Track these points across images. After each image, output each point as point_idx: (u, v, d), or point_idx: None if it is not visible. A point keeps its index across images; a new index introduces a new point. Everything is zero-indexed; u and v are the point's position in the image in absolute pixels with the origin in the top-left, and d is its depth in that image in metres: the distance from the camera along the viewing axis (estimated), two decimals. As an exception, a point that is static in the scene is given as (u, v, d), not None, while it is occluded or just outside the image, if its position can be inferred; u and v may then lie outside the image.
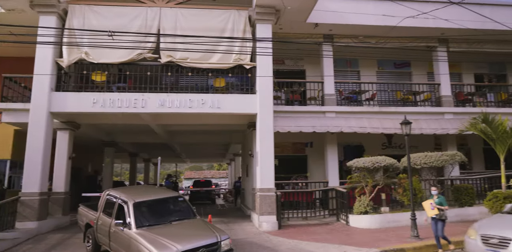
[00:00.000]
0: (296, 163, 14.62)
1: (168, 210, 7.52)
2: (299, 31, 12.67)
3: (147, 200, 7.29)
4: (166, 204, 7.63)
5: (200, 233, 6.58)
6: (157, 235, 6.19)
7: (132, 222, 6.59)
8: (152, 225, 6.69)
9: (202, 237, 6.36)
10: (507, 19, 12.17)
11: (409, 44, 13.36)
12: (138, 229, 6.47)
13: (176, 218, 7.19)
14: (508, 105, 14.64)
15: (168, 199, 7.75)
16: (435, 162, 10.91)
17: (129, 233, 6.47)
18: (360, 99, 13.79)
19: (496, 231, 6.46)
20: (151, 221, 6.84)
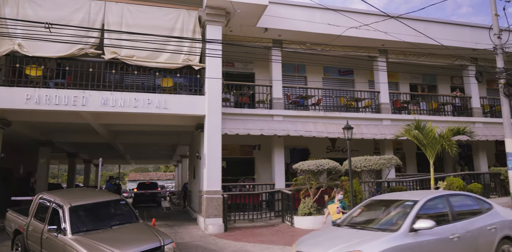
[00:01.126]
0: (244, 165, 14.70)
1: (108, 214, 7.17)
2: (249, 34, 12.81)
3: (85, 204, 6.90)
4: (106, 207, 7.27)
5: (142, 238, 6.35)
6: (95, 240, 5.86)
7: (68, 228, 6.18)
8: (90, 231, 6.34)
9: (144, 241, 6.15)
10: (438, 35, 13.31)
11: (353, 53, 14.09)
12: (74, 235, 6.09)
13: (117, 223, 6.88)
14: (438, 113, 15.97)
15: (109, 202, 7.39)
16: (374, 165, 11.52)
17: (64, 239, 6.06)
18: (307, 104, 14.24)
19: (308, 249, 5.16)
20: (89, 226, 6.47)
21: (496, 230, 5.90)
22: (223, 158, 11.08)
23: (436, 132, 11.50)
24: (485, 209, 6.21)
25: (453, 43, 14.19)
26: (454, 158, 17.30)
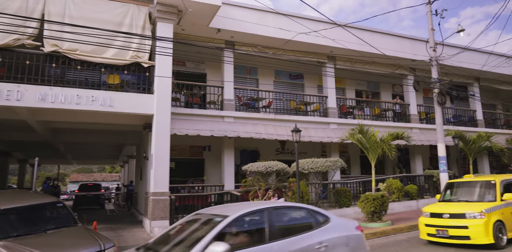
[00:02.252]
0: (193, 166, 14.49)
1: (42, 218, 6.72)
2: (201, 34, 12.69)
3: (15, 207, 6.40)
4: (40, 211, 6.79)
5: (80, 242, 6.01)
6: (26, 246, 5.44)
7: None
8: (21, 236, 5.88)
9: (82, 246, 5.82)
10: (381, 45, 14.15)
11: (303, 58, 14.52)
12: (2, 240, 5.61)
13: (53, 227, 6.47)
14: (380, 119, 16.94)
15: (43, 205, 6.91)
16: (321, 167, 11.91)
17: (-12, 246, 5.55)
18: (258, 106, 14.39)
19: None
20: (20, 231, 6.03)
21: (327, 248, 4.94)
22: (171, 159, 10.82)
23: (377, 137, 12.17)
24: (319, 223, 5.27)
25: (395, 53, 15.17)
26: (393, 161, 18.45)
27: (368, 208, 10.97)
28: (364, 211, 11.17)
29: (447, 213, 8.17)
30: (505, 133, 19.86)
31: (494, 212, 7.87)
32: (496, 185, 8.50)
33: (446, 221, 8.06)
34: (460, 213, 7.96)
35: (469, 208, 8.03)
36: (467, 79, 19.35)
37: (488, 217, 7.67)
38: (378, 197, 11.06)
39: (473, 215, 7.75)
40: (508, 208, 8.25)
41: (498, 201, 8.19)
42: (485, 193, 8.65)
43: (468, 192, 9.15)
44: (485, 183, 8.91)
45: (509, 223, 8.08)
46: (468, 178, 10.06)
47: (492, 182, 8.65)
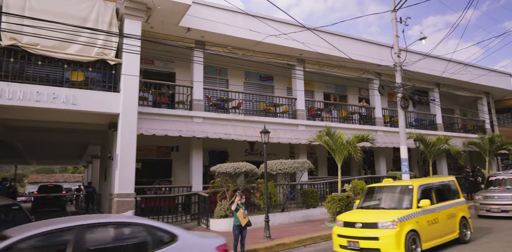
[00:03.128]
0: (161, 167, 14.21)
1: (-5, 221, 6.29)
2: (171, 33, 12.49)
3: (-35, 210, 5.95)
4: (-7, 214, 6.37)
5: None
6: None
7: None
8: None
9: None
10: (349, 49, 14.50)
11: (273, 60, 14.64)
12: None
13: (6, 230, 6.06)
14: (347, 121, 17.38)
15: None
16: (289, 168, 12.05)
17: None
18: (227, 107, 14.34)
19: None
20: (-31, 236, 5.58)
21: None
22: (138, 159, 10.57)
23: (344, 139, 12.47)
24: (160, 243, 4.31)
25: (362, 58, 15.63)
26: (359, 162, 18.97)
27: (334, 209, 11.21)
28: (330, 211, 11.40)
29: (360, 222, 7.28)
30: (462, 136, 20.98)
31: (408, 221, 7.08)
32: (414, 190, 7.72)
33: (358, 231, 7.18)
34: (373, 222, 7.12)
35: (382, 217, 7.18)
36: (428, 84, 20.27)
37: (401, 227, 6.86)
38: (343, 197, 11.33)
39: (385, 225, 6.91)
40: (424, 216, 7.50)
41: (414, 208, 7.42)
42: (402, 199, 7.86)
43: (386, 198, 8.33)
44: (402, 188, 8.08)
45: (425, 232, 7.33)
46: (387, 182, 9.00)
47: (410, 187, 7.86)
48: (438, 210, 7.93)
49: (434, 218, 7.70)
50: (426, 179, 9.13)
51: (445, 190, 8.86)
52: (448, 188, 9.00)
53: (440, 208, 8.04)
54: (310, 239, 9.33)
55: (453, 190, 9.06)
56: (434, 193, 8.20)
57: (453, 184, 9.24)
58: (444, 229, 7.94)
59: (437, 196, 8.22)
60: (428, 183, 8.40)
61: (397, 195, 8.12)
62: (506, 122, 26.73)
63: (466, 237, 8.49)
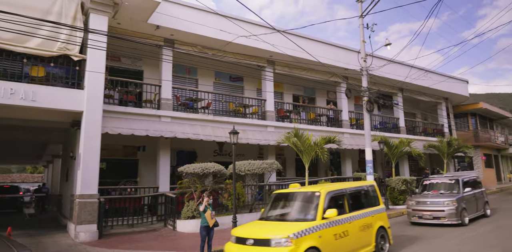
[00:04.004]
0: (127, 167, 13.85)
1: None
2: (139, 30, 12.21)
3: None
4: None
5: (-12, 250, 5.32)
6: None
7: None
8: None
9: (-10, 254, 5.16)
10: (317, 53, 14.81)
11: (243, 61, 14.65)
12: None
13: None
14: (315, 123, 17.71)
15: None
16: (257, 169, 12.09)
17: None
18: (196, 107, 14.20)
19: None
20: None
21: None
22: (102, 159, 10.26)
23: (312, 140, 12.70)
24: None
25: (330, 61, 16.01)
26: (326, 164, 19.38)
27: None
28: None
29: (252, 238, 6.04)
30: (422, 139, 21.97)
31: (307, 236, 5.84)
32: (320, 198, 6.50)
33: (248, 249, 5.96)
34: (265, 238, 5.88)
35: (278, 231, 5.95)
36: (392, 89, 21.07)
37: (296, 244, 5.63)
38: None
39: (279, 242, 5.69)
40: (330, 229, 6.27)
41: (318, 219, 6.19)
42: (307, 209, 6.65)
43: (291, 208, 7.11)
44: (308, 195, 6.84)
45: (330, 249, 6.16)
46: (294, 188, 7.69)
47: (316, 194, 6.62)
48: (349, 220, 6.83)
49: (343, 230, 6.56)
50: (338, 185, 7.99)
51: (362, 196, 7.88)
52: (366, 194, 8.00)
53: (353, 218, 6.94)
54: (277, 239, 9.40)
55: (372, 197, 8.08)
56: (347, 200, 7.17)
57: (373, 189, 8.23)
58: (356, 242, 6.90)
59: (351, 204, 7.21)
60: (340, 189, 7.31)
61: (302, 203, 6.96)
62: (463, 126, 28.29)
63: (384, 250, 7.56)
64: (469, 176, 12.57)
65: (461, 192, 11.24)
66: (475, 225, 10.86)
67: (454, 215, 10.51)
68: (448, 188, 11.68)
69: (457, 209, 10.57)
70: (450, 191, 11.50)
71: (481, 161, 26.48)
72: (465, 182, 11.82)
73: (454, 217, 10.51)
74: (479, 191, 12.39)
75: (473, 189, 11.90)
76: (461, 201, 10.88)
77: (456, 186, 11.52)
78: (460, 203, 10.81)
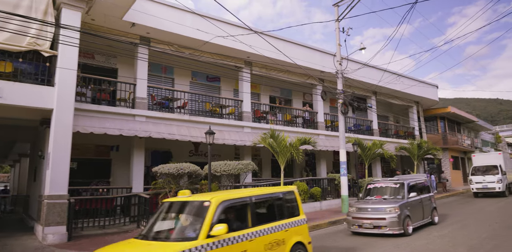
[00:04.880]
0: (99, 167, 13.50)
1: None
2: (114, 27, 11.97)
3: None
4: None
5: None
6: None
7: None
8: None
9: None
10: (294, 55, 15.02)
11: (220, 61, 14.64)
12: None
13: None
14: (291, 124, 17.89)
15: None
16: (233, 170, 12.09)
17: None
18: (172, 106, 14.03)
19: None
20: None
21: None
22: (73, 158, 9.94)
23: (287, 141, 12.80)
24: None
25: (306, 64, 16.23)
26: (301, 165, 19.61)
27: (274, 209, 11.39)
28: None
29: None
30: (394, 142, 22.62)
31: None
32: (209, 209, 5.01)
33: None
34: None
35: None
36: (366, 92, 21.60)
37: None
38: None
39: None
40: (217, 251, 4.78)
41: (202, 238, 4.68)
42: (192, 223, 5.23)
43: (175, 222, 5.56)
44: (196, 205, 5.37)
45: None
46: (182, 196, 5.75)
47: (205, 204, 5.14)
48: (251, 238, 5.34)
49: (241, 251, 5.14)
50: (241, 192, 6.13)
51: (275, 206, 6.33)
52: (280, 203, 6.44)
53: (256, 235, 5.46)
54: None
55: (289, 206, 6.56)
56: (252, 211, 5.67)
57: (291, 197, 6.71)
58: None
59: (256, 216, 5.77)
60: (241, 197, 5.70)
61: (188, 217, 5.47)
62: (433, 129, 29.35)
63: None
64: (416, 180, 11.48)
65: (405, 197, 10.08)
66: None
67: (396, 223, 9.18)
68: (392, 193, 10.48)
69: (400, 217, 9.26)
70: (394, 197, 10.28)
71: (449, 163, 27.54)
72: (411, 186, 10.70)
73: (396, 226, 9.17)
74: (426, 196, 11.29)
75: (419, 194, 10.87)
76: (405, 208, 9.66)
77: (400, 191, 10.34)
78: (404, 210, 9.53)
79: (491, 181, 19.61)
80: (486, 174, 19.96)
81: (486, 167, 20.51)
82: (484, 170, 20.34)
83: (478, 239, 8.55)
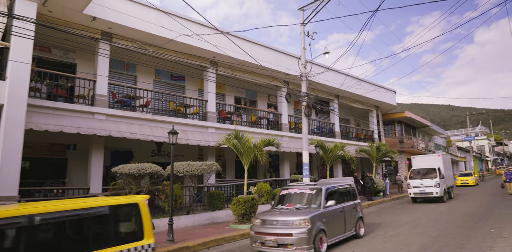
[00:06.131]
0: (54, 167, 12.82)
1: None
2: (73, 20, 11.45)
3: None
4: None
5: None
6: None
7: None
8: None
9: None
10: (260, 57, 15.12)
11: (185, 60, 14.43)
12: None
13: None
14: (256, 126, 17.96)
15: None
16: (196, 170, 11.94)
17: None
18: (134, 105, 13.62)
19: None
20: None
21: None
22: (26, 157, 9.42)
23: (251, 142, 12.84)
24: None
25: (272, 66, 16.40)
26: (265, 166, 19.74)
27: (239, 211, 11.42)
28: (235, 213, 11.59)
29: None
30: (355, 144, 23.39)
31: None
32: None
33: None
34: None
35: None
36: (329, 95, 22.19)
37: None
38: (248, 200, 11.62)
39: None
40: None
41: None
42: None
43: None
44: None
45: None
46: None
47: None
48: None
49: None
50: (16, 207, 4.13)
51: (90, 229, 4.42)
52: (104, 223, 4.59)
53: None
54: (214, 241, 9.35)
55: (123, 228, 4.88)
56: (31, 240, 3.75)
57: (132, 214, 4.90)
58: None
59: (43, 247, 3.92)
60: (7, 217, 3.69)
61: None
62: (391, 133, 30.70)
63: None
64: (339, 185, 9.67)
65: (321, 206, 8.24)
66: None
67: (306, 241, 7.34)
68: (308, 201, 8.59)
69: (311, 232, 7.44)
70: (308, 205, 8.42)
71: (405, 165, 28.88)
72: (331, 192, 8.90)
73: (305, 244, 7.33)
74: (350, 205, 9.51)
75: (342, 202, 9.18)
76: (319, 220, 7.83)
77: (317, 198, 8.48)
78: (317, 223, 7.71)
79: (429, 185, 17.93)
80: (424, 178, 18.35)
81: (425, 169, 18.90)
82: (424, 173, 18.76)
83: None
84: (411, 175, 19.22)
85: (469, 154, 53.46)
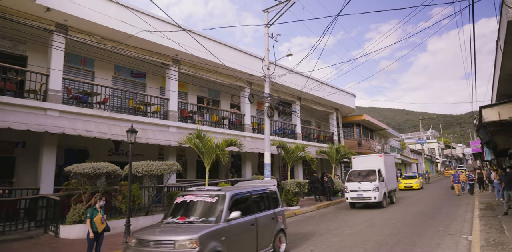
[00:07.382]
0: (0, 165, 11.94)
1: None
2: (25, 10, 10.76)
3: None
4: None
5: None
6: None
7: None
8: None
9: None
10: (224, 56, 15.09)
11: (147, 57, 14.06)
12: None
13: None
14: (219, 126, 17.86)
15: None
16: (156, 170, 11.62)
17: None
18: (91, 101, 13.04)
19: None
20: None
21: None
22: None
23: (214, 142, 12.76)
24: None
25: (235, 66, 16.40)
26: (227, 166, 19.67)
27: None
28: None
29: None
30: (316, 145, 23.94)
31: None
32: None
33: None
34: None
35: None
36: (291, 97, 22.55)
37: None
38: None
39: None
40: None
41: None
42: None
43: None
44: None
45: None
46: None
47: None
48: None
49: None
50: None
51: None
52: None
53: None
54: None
55: None
56: None
57: None
58: None
59: None
60: None
61: None
62: (350, 135, 31.76)
63: None
64: (253, 189, 7.64)
65: (222, 219, 6.20)
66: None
67: None
68: (205, 211, 6.51)
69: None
70: (204, 218, 6.31)
71: (362, 166, 29.94)
72: (238, 200, 6.88)
73: None
74: (267, 214, 7.53)
75: (255, 212, 7.15)
76: (215, 239, 5.78)
77: (217, 209, 6.44)
78: (211, 243, 5.66)
79: (367, 189, 15.84)
80: (363, 181, 16.18)
81: (366, 171, 16.83)
82: (365, 175, 16.71)
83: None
84: (349, 177, 17.01)
85: (421, 156, 56.58)
